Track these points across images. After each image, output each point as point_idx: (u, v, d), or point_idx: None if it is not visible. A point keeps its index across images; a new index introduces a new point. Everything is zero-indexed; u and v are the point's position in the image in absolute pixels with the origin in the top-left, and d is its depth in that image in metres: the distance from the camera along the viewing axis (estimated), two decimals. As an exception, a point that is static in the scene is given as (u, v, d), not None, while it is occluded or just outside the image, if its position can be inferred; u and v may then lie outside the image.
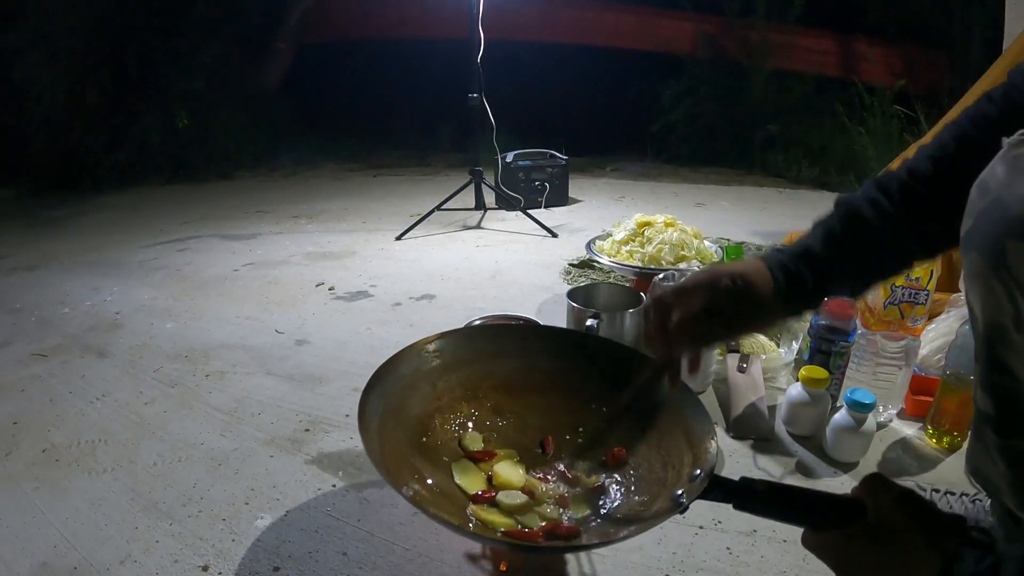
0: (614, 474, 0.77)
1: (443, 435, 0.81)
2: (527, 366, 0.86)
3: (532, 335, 0.91)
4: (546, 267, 1.94)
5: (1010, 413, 0.54)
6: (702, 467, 0.64)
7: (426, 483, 0.72)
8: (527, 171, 2.69)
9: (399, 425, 0.76)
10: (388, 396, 0.76)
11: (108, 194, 3.29)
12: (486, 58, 2.27)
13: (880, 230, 0.61)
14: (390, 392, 0.76)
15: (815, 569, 0.75)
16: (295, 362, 1.35)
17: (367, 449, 0.65)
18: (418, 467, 0.74)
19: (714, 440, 0.66)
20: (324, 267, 1.99)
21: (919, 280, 1.16)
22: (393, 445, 0.72)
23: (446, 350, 0.84)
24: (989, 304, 0.52)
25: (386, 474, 0.63)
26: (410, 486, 0.68)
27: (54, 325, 1.59)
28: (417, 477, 0.72)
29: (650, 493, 0.71)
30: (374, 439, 0.68)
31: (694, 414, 0.72)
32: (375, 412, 0.72)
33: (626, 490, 0.75)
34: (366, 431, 0.67)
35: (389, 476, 0.63)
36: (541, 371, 0.86)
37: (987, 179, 0.53)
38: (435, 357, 0.84)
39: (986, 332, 0.54)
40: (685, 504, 0.59)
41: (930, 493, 0.86)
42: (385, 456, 0.68)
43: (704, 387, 1.19)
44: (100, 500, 0.92)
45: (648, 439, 0.76)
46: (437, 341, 0.84)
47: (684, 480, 0.65)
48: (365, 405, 0.70)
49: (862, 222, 0.61)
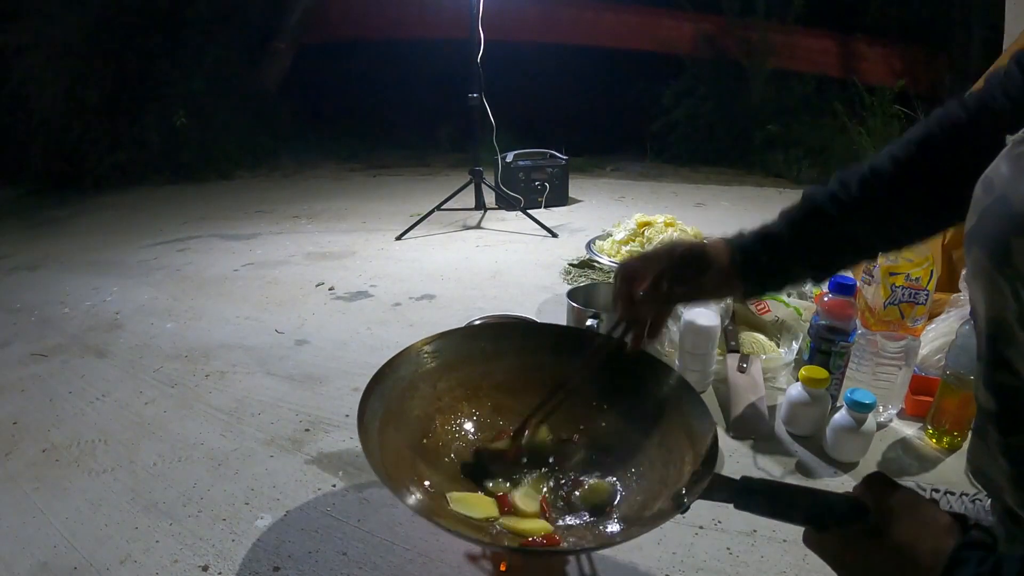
0: (616, 472, 0.76)
1: (444, 436, 0.81)
2: (527, 364, 0.86)
3: (532, 333, 0.91)
4: (546, 267, 1.94)
5: (1013, 410, 0.54)
6: (703, 466, 0.64)
7: (426, 487, 0.72)
8: (527, 171, 2.69)
9: (400, 428, 0.75)
10: (388, 398, 0.75)
11: (108, 194, 3.28)
12: (486, 58, 2.27)
13: (838, 222, 0.64)
14: (389, 395, 0.76)
15: (815, 569, 0.75)
16: (295, 362, 1.35)
17: (368, 455, 0.65)
18: (419, 470, 0.73)
19: (715, 439, 0.66)
20: (324, 267, 1.99)
21: (919, 280, 1.17)
22: (394, 449, 0.71)
23: (446, 350, 0.84)
24: (993, 301, 0.52)
25: (387, 479, 0.63)
26: (412, 491, 0.67)
27: (54, 325, 1.59)
28: (417, 480, 0.72)
29: (651, 492, 0.71)
30: (375, 444, 0.68)
31: (696, 412, 0.72)
32: (375, 416, 0.71)
33: (627, 488, 0.74)
34: (366, 436, 0.67)
35: (391, 481, 0.63)
36: (541, 369, 0.86)
37: (992, 176, 0.53)
38: (434, 357, 0.83)
39: (989, 329, 0.54)
40: (686, 504, 0.59)
41: (930, 493, 0.86)
42: (387, 461, 0.67)
43: (704, 387, 1.19)
44: (100, 500, 0.92)
45: (651, 436, 0.76)
46: (436, 341, 0.84)
47: (685, 478, 0.65)
48: (365, 410, 0.70)
49: (821, 214, 0.64)
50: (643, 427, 0.77)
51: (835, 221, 0.64)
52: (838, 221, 0.64)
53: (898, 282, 1.17)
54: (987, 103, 0.59)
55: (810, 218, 0.65)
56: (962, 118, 0.60)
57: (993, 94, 0.59)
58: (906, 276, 1.17)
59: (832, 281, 1.07)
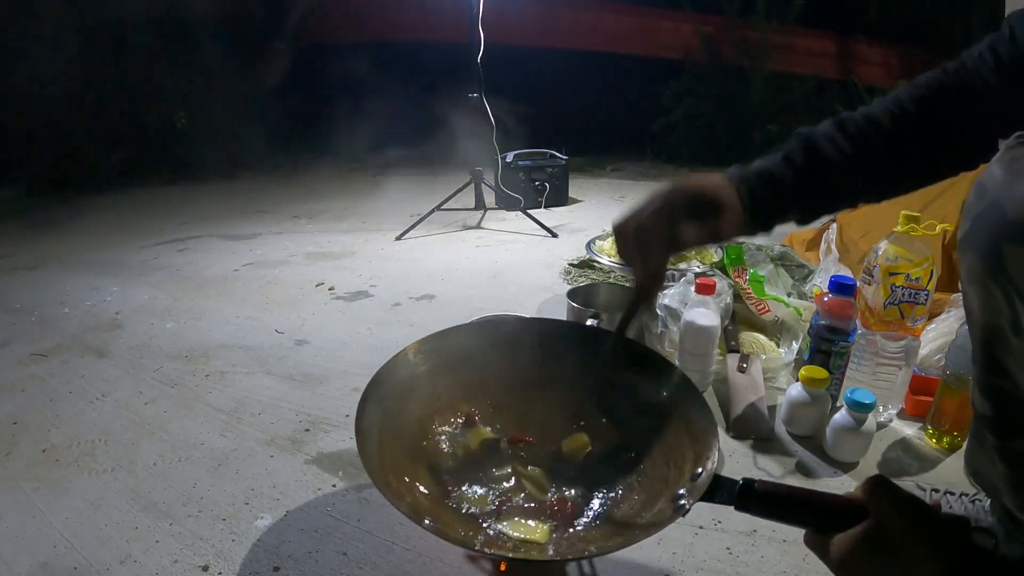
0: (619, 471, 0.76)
1: (443, 436, 0.80)
2: (527, 362, 0.85)
3: (529, 330, 0.90)
4: (546, 267, 1.94)
5: (1008, 415, 0.54)
6: (704, 466, 0.62)
7: (423, 491, 0.71)
8: (527, 171, 2.69)
9: (399, 433, 0.74)
10: (386, 401, 0.74)
11: (108, 194, 3.28)
12: (486, 59, 2.27)
13: (834, 166, 0.63)
14: (388, 396, 0.75)
15: (815, 569, 0.75)
16: (295, 362, 1.35)
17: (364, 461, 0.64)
18: (417, 474, 0.72)
19: (716, 439, 0.66)
20: (324, 267, 1.99)
21: (919, 280, 1.17)
22: (393, 456, 0.70)
23: (443, 350, 0.83)
24: (987, 307, 0.52)
25: (385, 488, 0.62)
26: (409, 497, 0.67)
27: (54, 325, 1.59)
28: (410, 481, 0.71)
29: (652, 491, 0.70)
30: (374, 453, 0.67)
31: (697, 410, 0.71)
32: (373, 421, 0.71)
33: (627, 488, 0.73)
34: (364, 442, 0.66)
35: (389, 491, 0.62)
36: (540, 366, 0.85)
37: (984, 181, 0.53)
38: (432, 358, 0.82)
39: (983, 335, 0.54)
40: (687, 507, 0.58)
41: (930, 493, 0.86)
42: (385, 469, 0.66)
43: (704, 387, 1.19)
44: (100, 500, 0.92)
45: (652, 434, 0.75)
46: (434, 340, 0.83)
47: (686, 479, 0.64)
48: (362, 416, 0.69)
49: (819, 156, 0.63)
50: (645, 425, 0.77)
51: (832, 166, 0.63)
52: (835, 166, 0.63)
53: (898, 282, 1.17)
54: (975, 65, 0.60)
55: (809, 159, 0.64)
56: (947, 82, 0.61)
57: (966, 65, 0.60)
58: (906, 276, 1.17)
59: (832, 281, 1.07)
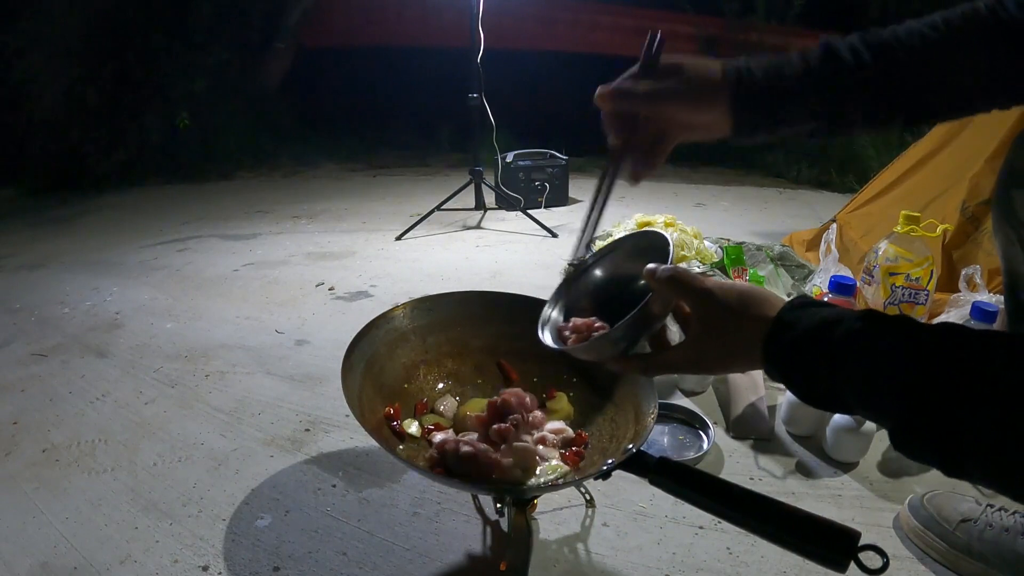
0: None
1: (424, 384, 0.89)
2: (513, 333, 0.92)
3: (522, 305, 0.94)
4: (546, 267, 1.94)
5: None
6: (635, 443, 0.70)
7: (394, 425, 0.81)
8: (527, 171, 2.69)
9: (384, 369, 0.85)
10: (377, 344, 0.85)
11: (108, 194, 3.28)
12: (485, 60, 2.27)
13: (851, 75, 0.57)
14: (381, 340, 0.86)
15: (815, 570, 0.74)
16: (295, 362, 1.35)
17: (345, 388, 0.74)
18: (394, 407, 0.83)
19: (652, 418, 0.72)
20: (324, 267, 1.99)
21: (919, 280, 1.17)
22: (372, 387, 0.81)
23: (439, 309, 0.92)
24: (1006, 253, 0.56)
25: (358, 414, 0.71)
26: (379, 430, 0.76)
27: (54, 325, 1.59)
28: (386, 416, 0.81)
29: (591, 462, 0.77)
30: (355, 380, 0.77)
31: (645, 393, 0.78)
32: (363, 355, 0.82)
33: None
34: (349, 371, 0.76)
35: (362, 418, 0.72)
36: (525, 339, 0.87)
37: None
38: (428, 314, 0.91)
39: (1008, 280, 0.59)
40: (606, 471, 0.65)
41: (984, 508, 0.82)
42: (362, 398, 0.77)
43: (704, 387, 1.19)
44: (100, 500, 0.92)
45: (605, 412, 0.84)
46: (434, 299, 0.92)
47: (620, 453, 0.70)
48: (353, 348, 0.80)
49: (839, 62, 0.57)
50: (602, 399, 0.85)
51: (849, 74, 0.57)
52: (852, 75, 0.57)
53: (898, 282, 1.17)
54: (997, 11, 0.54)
55: (826, 64, 0.57)
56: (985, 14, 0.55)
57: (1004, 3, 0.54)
58: (906, 276, 1.17)
59: (832, 281, 1.07)
